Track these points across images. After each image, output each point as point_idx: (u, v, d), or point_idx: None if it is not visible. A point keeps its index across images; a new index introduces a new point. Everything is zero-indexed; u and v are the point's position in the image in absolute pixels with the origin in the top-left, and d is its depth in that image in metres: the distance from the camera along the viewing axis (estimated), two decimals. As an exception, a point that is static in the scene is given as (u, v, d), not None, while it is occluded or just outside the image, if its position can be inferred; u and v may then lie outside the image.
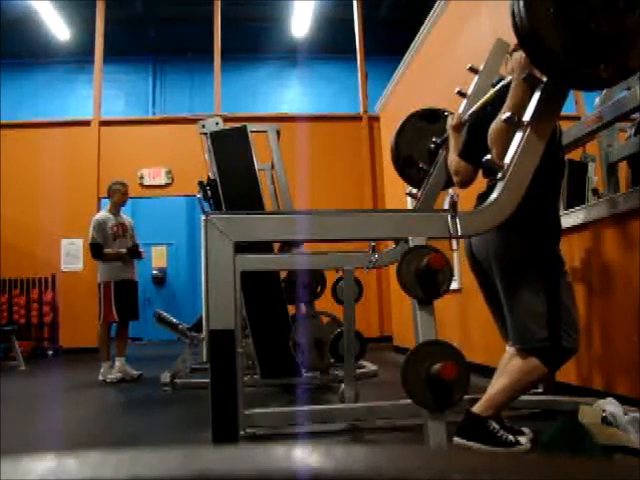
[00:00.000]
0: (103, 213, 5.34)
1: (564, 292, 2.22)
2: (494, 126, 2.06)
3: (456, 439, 2.15)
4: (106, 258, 5.04)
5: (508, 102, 2.02)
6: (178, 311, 7.30)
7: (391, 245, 3.20)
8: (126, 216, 5.45)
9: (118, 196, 5.26)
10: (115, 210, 5.26)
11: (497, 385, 2.21)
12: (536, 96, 1.76)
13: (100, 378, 4.90)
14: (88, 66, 9.21)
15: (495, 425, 2.18)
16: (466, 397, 2.21)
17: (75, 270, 8.01)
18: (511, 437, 2.20)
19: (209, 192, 4.41)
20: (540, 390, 3.15)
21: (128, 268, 5.14)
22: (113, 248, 5.07)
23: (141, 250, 5.24)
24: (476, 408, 2.20)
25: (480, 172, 2.41)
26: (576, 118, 3.64)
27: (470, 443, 2.14)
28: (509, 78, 2.19)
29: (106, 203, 5.78)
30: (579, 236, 3.14)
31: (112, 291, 5.01)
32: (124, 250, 5.09)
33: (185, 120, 8.00)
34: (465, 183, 2.44)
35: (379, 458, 0.25)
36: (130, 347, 5.39)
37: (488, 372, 2.51)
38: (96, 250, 5.06)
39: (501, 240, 2.19)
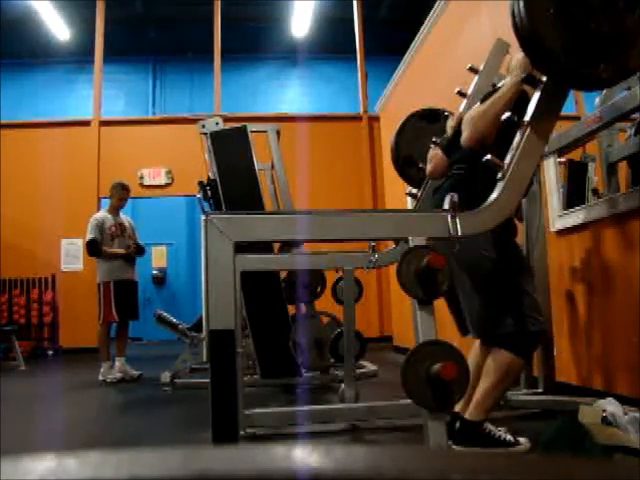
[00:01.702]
0: (102, 213, 5.33)
1: (524, 279, 2.25)
2: (477, 111, 2.11)
3: (454, 448, 2.15)
4: (105, 255, 5.02)
5: (499, 96, 2.05)
6: (178, 311, 7.29)
7: (391, 245, 3.20)
8: (125, 216, 5.44)
9: (116, 199, 5.25)
10: (114, 211, 5.25)
11: (481, 389, 2.22)
12: (536, 96, 1.76)
13: (100, 378, 4.89)
14: (88, 66, 9.21)
15: (490, 427, 2.19)
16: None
17: (75, 270, 8.01)
18: (509, 436, 2.20)
19: (209, 192, 4.41)
20: (540, 390, 3.15)
21: (128, 268, 5.13)
22: (112, 248, 5.06)
23: (136, 248, 5.22)
24: (468, 415, 2.20)
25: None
26: (576, 118, 3.63)
27: (469, 449, 2.13)
28: (509, 78, 2.20)
29: (106, 203, 5.78)
30: (579, 236, 3.14)
31: (112, 291, 5.00)
32: (122, 250, 5.08)
33: (185, 120, 8.00)
34: (434, 173, 2.48)
35: (379, 458, 0.25)
36: (130, 347, 5.39)
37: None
38: (93, 247, 5.01)
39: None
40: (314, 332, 4.24)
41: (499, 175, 1.73)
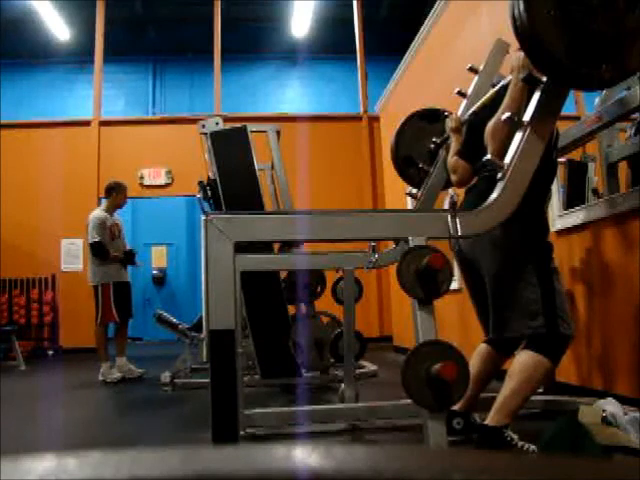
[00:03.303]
0: (101, 212, 5.22)
1: (555, 279, 2.23)
2: (492, 123, 2.09)
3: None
4: (111, 259, 5.01)
5: (506, 100, 2.05)
6: (178, 311, 7.30)
7: (391, 245, 3.20)
8: (117, 216, 5.41)
9: (122, 197, 5.24)
10: (112, 210, 5.24)
11: (506, 391, 2.14)
12: (536, 96, 1.76)
13: (100, 378, 4.89)
14: (88, 66, 9.22)
15: (512, 435, 2.12)
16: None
17: (75, 270, 8.01)
18: (527, 445, 2.12)
19: (209, 192, 4.41)
20: (540, 390, 3.15)
21: (124, 270, 5.18)
22: (112, 248, 5.06)
23: (136, 259, 5.27)
24: (490, 420, 2.13)
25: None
26: (576, 118, 3.63)
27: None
28: (509, 78, 2.20)
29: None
30: (579, 236, 3.14)
31: (111, 292, 5.01)
32: (121, 255, 5.10)
33: (185, 120, 8.01)
34: (462, 182, 2.46)
35: (379, 458, 0.25)
36: (130, 347, 5.39)
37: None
38: (100, 249, 4.96)
39: (498, 234, 2.18)
40: (314, 332, 4.24)
41: (499, 175, 1.73)
